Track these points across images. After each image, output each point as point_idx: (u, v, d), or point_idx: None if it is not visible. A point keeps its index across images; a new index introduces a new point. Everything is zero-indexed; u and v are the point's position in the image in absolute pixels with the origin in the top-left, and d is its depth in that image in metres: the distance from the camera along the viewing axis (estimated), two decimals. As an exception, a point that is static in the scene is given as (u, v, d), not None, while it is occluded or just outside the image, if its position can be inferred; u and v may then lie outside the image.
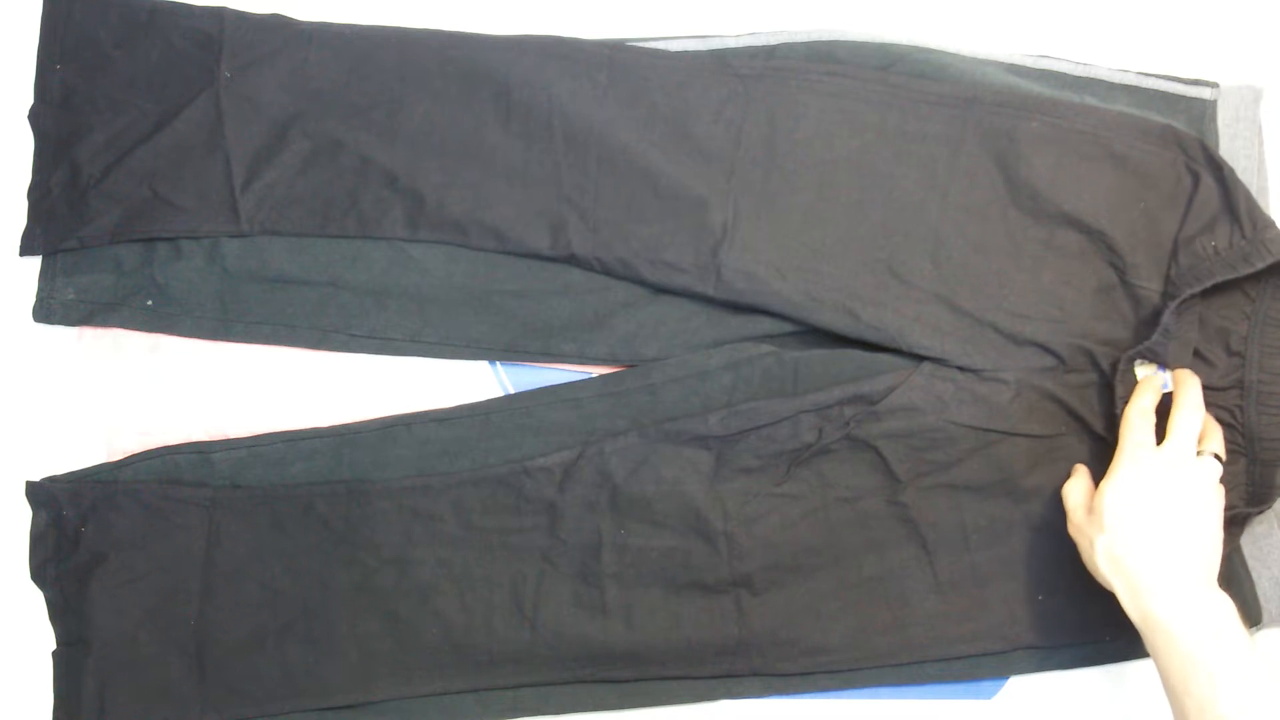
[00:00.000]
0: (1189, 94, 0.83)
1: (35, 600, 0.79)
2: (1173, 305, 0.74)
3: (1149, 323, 0.77)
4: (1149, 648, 0.67)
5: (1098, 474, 0.77)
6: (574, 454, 0.78)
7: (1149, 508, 0.68)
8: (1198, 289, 0.74)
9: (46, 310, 0.81)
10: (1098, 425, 0.78)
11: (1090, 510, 0.71)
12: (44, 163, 0.81)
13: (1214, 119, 0.82)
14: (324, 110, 0.81)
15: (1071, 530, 0.73)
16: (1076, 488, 0.74)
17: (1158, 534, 0.68)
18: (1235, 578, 0.78)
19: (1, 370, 0.83)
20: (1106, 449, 0.77)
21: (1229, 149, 0.81)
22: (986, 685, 0.80)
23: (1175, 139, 0.78)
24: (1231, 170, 0.77)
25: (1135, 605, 0.67)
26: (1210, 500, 0.70)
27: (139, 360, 0.82)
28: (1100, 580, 0.70)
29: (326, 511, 0.78)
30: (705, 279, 0.78)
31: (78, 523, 0.78)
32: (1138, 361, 0.76)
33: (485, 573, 0.78)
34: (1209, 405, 0.75)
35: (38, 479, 0.79)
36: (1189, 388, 0.73)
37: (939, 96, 0.79)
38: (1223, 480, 0.72)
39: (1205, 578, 0.67)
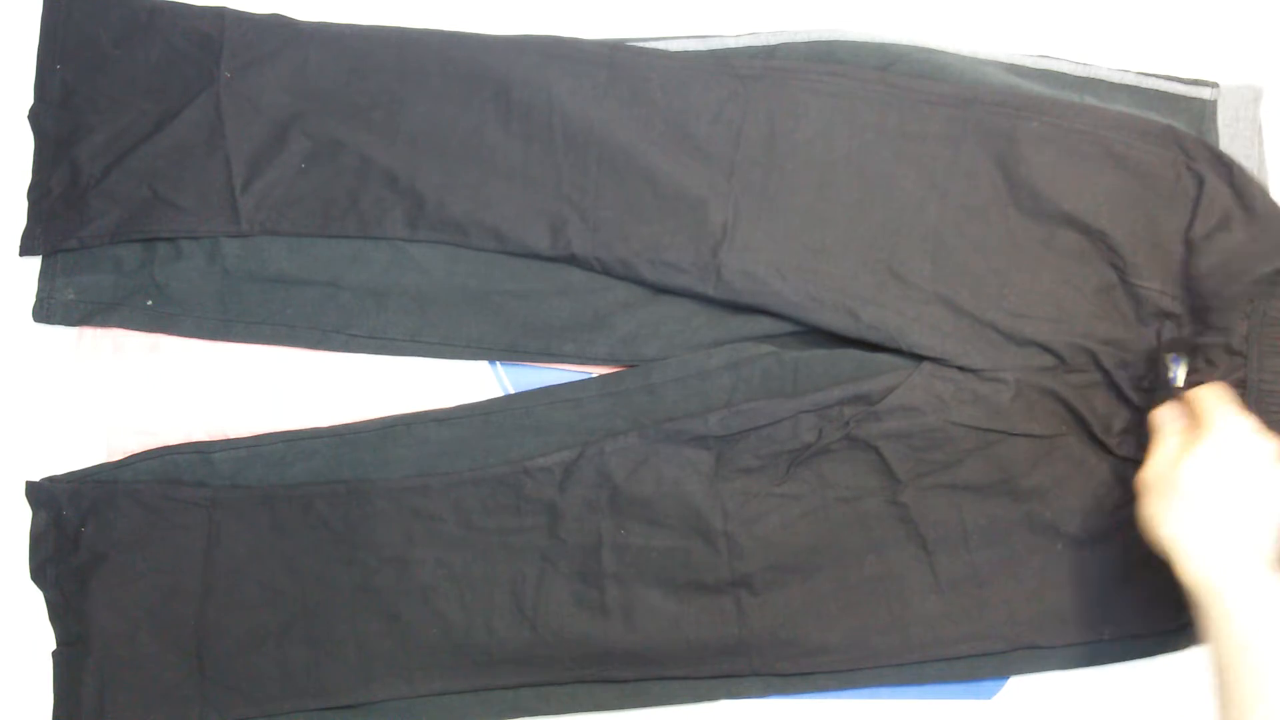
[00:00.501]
0: (1189, 94, 0.83)
1: (35, 600, 0.79)
2: (1243, 305, 0.74)
3: (1147, 322, 0.77)
4: (1201, 619, 0.66)
5: (1097, 475, 0.77)
6: (574, 454, 0.78)
7: (1229, 479, 0.68)
8: (1260, 277, 0.75)
9: (46, 310, 0.81)
10: (1097, 426, 0.78)
11: (1167, 472, 0.70)
12: (44, 163, 0.81)
13: (1214, 119, 0.82)
14: (324, 110, 0.81)
15: (1141, 485, 0.72)
16: (1167, 450, 0.72)
17: (1232, 507, 0.68)
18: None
19: (1, 370, 0.83)
20: (1106, 448, 0.77)
21: (1229, 149, 0.81)
22: (986, 685, 0.80)
23: (1175, 139, 0.78)
24: (1241, 167, 0.77)
25: (1196, 572, 0.67)
26: (1278, 482, 0.70)
27: (139, 360, 0.82)
28: (1157, 543, 0.69)
29: (326, 511, 0.78)
30: (705, 279, 0.78)
31: (78, 523, 0.78)
32: (1173, 356, 0.76)
33: (485, 573, 0.78)
34: None
35: (38, 479, 0.79)
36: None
37: (939, 96, 0.79)
38: None
39: (1269, 557, 0.67)
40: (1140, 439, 0.76)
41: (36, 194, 0.81)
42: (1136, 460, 0.75)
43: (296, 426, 0.80)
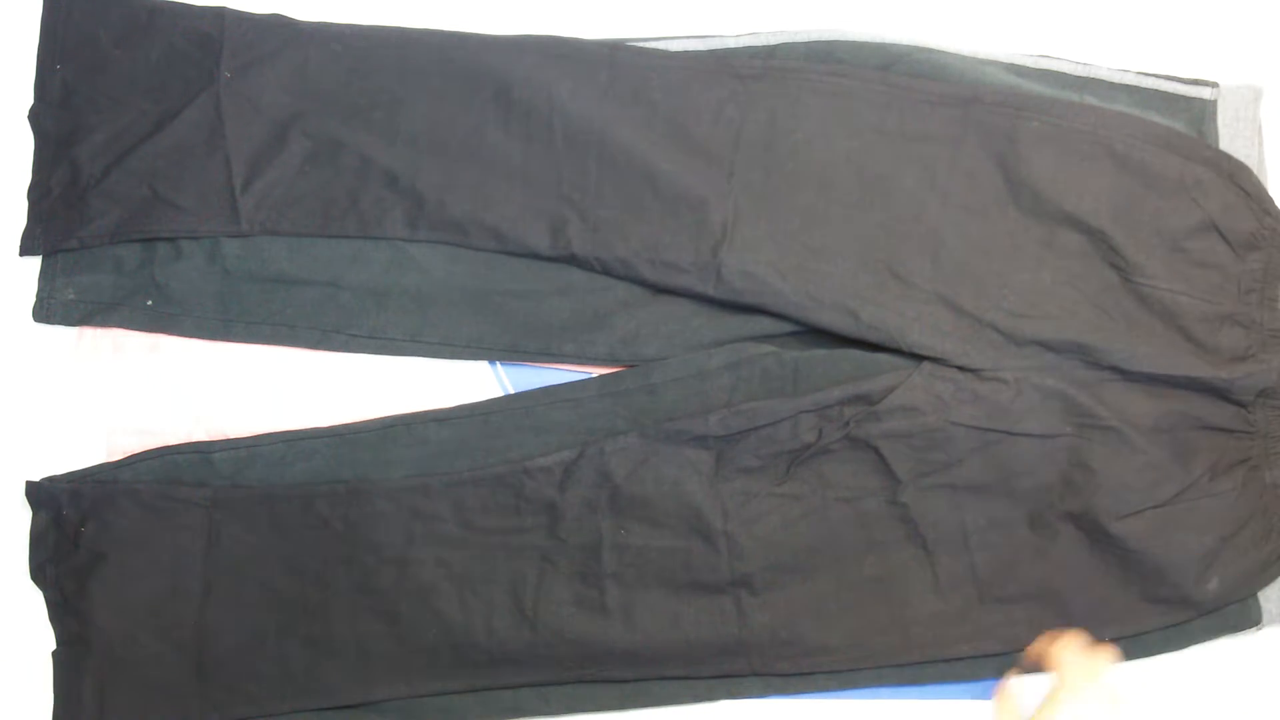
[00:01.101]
0: (1189, 94, 0.83)
1: (35, 600, 0.79)
2: None
3: (1165, 320, 0.78)
4: None
5: (1097, 475, 0.77)
6: (574, 454, 0.78)
7: None
8: None
9: (46, 310, 0.81)
10: (1115, 419, 0.77)
11: None
12: (44, 163, 0.81)
13: (1214, 119, 0.82)
14: (324, 110, 0.81)
15: None
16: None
17: None
18: (1235, 578, 0.78)
19: (1, 370, 0.83)
20: (1107, 447, 0.77)
21: (1229, 149, 0.81)
22: (986, 685, 0.80)
23: (1175, 139, 0.78)
24: (1245, 166, 0.78)
25: None
26: None
27: (139, 360, 0.82)
28: None
29: (326, 511, 0.78)
30: (705, 279, 0.78)
31: (77, 523, 0.78)
32: None
33: (485, 573, 0.78)
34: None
35: (38, 479, 0.79)
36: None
37: (939, 96, 0.80)
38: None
39: None
40: (1166, 428, 0.77)
41: (36, 194, 0.81)
42: (1158, 459, 0.76)
43: (296, 426, 0.80)
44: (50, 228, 0.80)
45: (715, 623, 0.77)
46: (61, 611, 0.78)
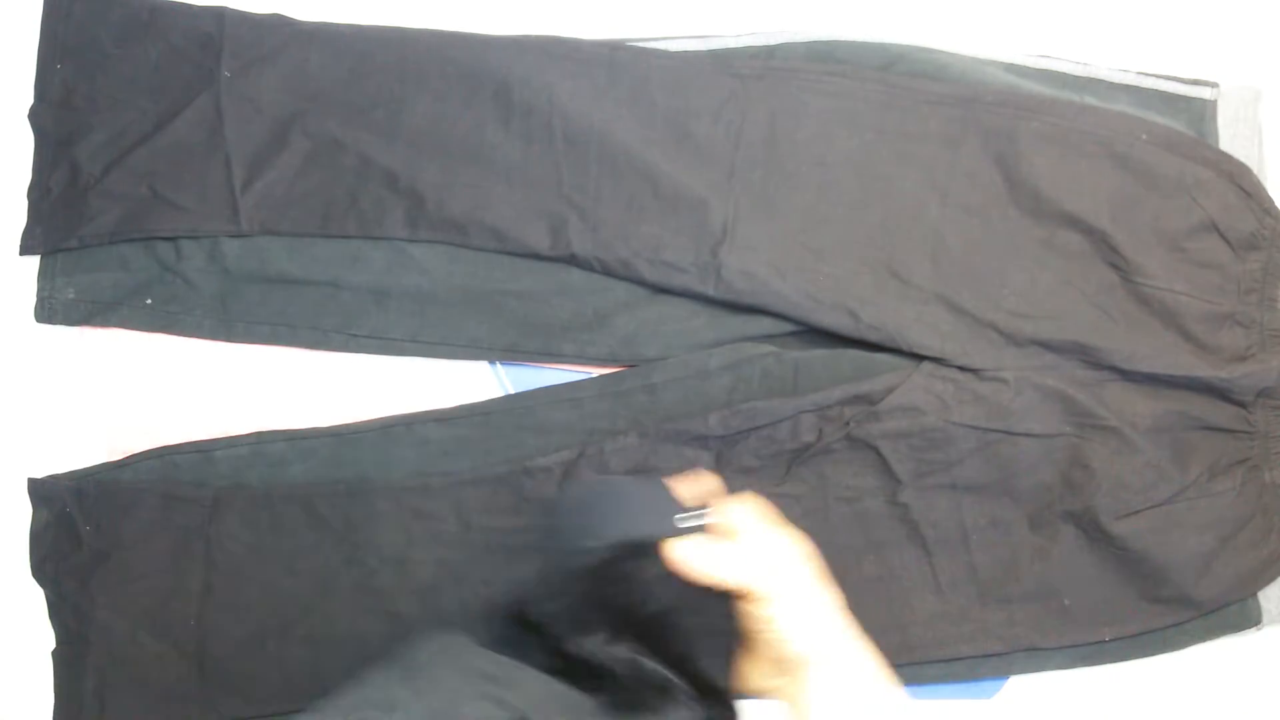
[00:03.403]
0: (1189, 94, 0.83)
1: (35, 599, 0.79)
2: None
3: (1165, 320, 0.78)
4: None
5: (1097, 475, 0.77)
6: (574, 454, 0.78)
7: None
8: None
9: (48, 310, 0.81)
10: (1101, 419, 0.77)
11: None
12: (44, 162, 0.81)
13: (1214, 119, 0.82)
14: (324, 110, 0.81)
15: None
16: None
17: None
18: (1235, 578, 0.78)
19: (3, 370, 0.83)
20: (1107, 447, 0.77)
21: (1229, 149, 0.81)
22: (986, 685, 0.80)
23: (1175, 139, 0.78)
24: (1246, 167, 0.78)
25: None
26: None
27: (140, 360, 0.82)
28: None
29: (326, 511, 0.78)
30: (705, 279, 0.78)
31: (79, 521, 0.78)
32: None
33: (485, 573, 0.78)
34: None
35: (39, 477, 0.79)
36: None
37: (939, 96, 0.80)
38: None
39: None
40: (1166, 428, 0.77)
41: (36, 194, 0.81)
42: (1156, 459, 0.76)
43: (296, 426, 0.80)
44: (50, 227, 0.80)
45: (715, 623, 0.77)
46: (61, 610, 0.78)
